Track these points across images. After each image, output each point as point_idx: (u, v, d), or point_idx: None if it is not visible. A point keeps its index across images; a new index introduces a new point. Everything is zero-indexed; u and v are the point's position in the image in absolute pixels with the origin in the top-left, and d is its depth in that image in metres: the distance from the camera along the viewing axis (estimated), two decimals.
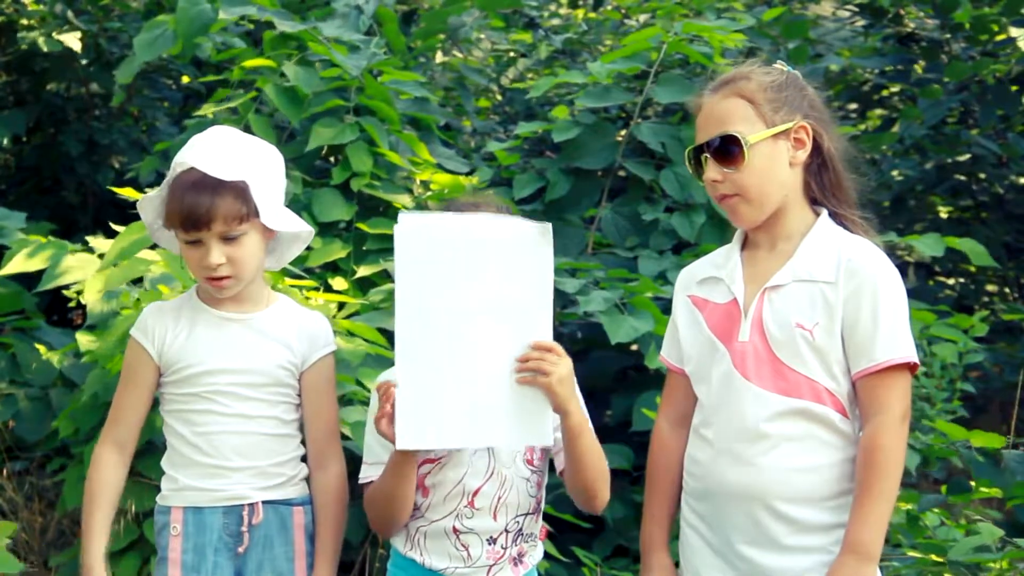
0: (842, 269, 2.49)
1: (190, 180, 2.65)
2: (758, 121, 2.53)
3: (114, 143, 6.47)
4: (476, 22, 6.49)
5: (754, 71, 2.58)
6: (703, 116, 2.59)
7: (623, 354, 4.23)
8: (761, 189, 2.53)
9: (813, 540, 2.48)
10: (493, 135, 6.42)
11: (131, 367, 2.79)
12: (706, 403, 2.59)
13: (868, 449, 2.44)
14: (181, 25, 4.64)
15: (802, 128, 2.55)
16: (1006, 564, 3.23)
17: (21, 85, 6.54)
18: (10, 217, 4.27)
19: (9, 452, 4.46)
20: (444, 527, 2.58)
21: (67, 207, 6.46)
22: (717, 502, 2.55)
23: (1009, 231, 6.75)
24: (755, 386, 2.51)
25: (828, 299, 2.48)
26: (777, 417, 2.49)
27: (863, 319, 2.46)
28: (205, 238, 2.66)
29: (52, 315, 5.52)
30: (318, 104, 4.50)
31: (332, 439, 2.82)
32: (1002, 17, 6.43)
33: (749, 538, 2.51)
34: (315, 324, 2.83)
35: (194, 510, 2.72)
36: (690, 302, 2.67)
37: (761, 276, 2.57)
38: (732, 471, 2.52)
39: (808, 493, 2.48)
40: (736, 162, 2.52)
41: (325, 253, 4.22)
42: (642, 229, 4.81)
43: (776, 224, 2.58)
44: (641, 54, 4.93)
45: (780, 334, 2.50)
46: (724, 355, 2.55)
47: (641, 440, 4.09)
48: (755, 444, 2.50)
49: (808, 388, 2.49)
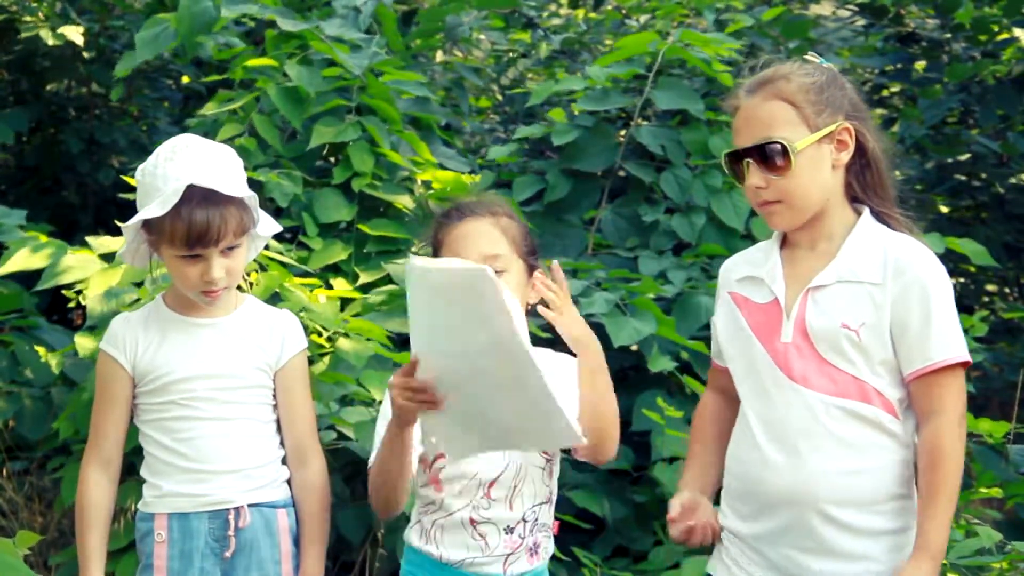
0: (889, 269, 2.44)
1: (193, 197, 2.62)
2: (801, 125, 2.48)
3: (115, 143, 6.47)
4: (475, 22, 6.49)
5: (794, 71, 2.52)
6: (743, 119, 2.53)
7: (623, 354, 4.22)
8: (805, 195, 2.49)
9: (862, 545, 2.45)
10: (493, 135, 6.43)
11: (105, 382, 2.79)
12: (750, 405, 2.55)
13: (930, 451, 2.41)
14: (183, 23, 4.63)
15: (845, 130, 2.50)
16: (1007, 565, 3.23)
17: (22, 84, 6.54)
18: (10, 215, 4.27)
19: (9, 452, 4.46)
20: (461, 518, 2.56)
21: (67, 207, 6.46)
22: (761, 504, 2.51)
23: (1009, 231, 6.74)
24: (800, 386, 2.46)
25: (875, 300, 2.44)
26: (824, 417, 2.44)
27: (914, 319, 2.42)
28: (208, 253, 2.65)
29: (52, 315, 5.51)
30: (320, 103, 4.50)
31: (310, 436, 2.83)
32: (1003, 17, 6.43)
33: (795, 542, 2.47)
34: (285, 323, 2.83)
35: (179, 516, 2.72)
36: (730, 299, 2.63)
37: (803, 276, 2.52)
38: (778, 473, 2.47)
39: (857, 496, 2.44)
40: (782, 169, 2.46)
41: (326, 254, 4.22)
42: (642, 230, 4.80)
43: (817, 224, 2.53)
44: (638, 57, 4.92)
45: (825, 334, 2.46)
46: (765, 356, 2.51)
47: (641, 440, 4.10)
48: (802, 445, 2.45)
49: (856, 388, 2.45)
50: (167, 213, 2.61)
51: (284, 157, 4.56)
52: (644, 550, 3.89)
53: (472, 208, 2.62)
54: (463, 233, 2.58)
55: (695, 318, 4.28)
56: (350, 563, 3.81)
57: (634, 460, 4.09)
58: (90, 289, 3.63)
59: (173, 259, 2.69)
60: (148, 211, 2.64)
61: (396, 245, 4.35)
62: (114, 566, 3.37)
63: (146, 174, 2.69)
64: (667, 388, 4.15)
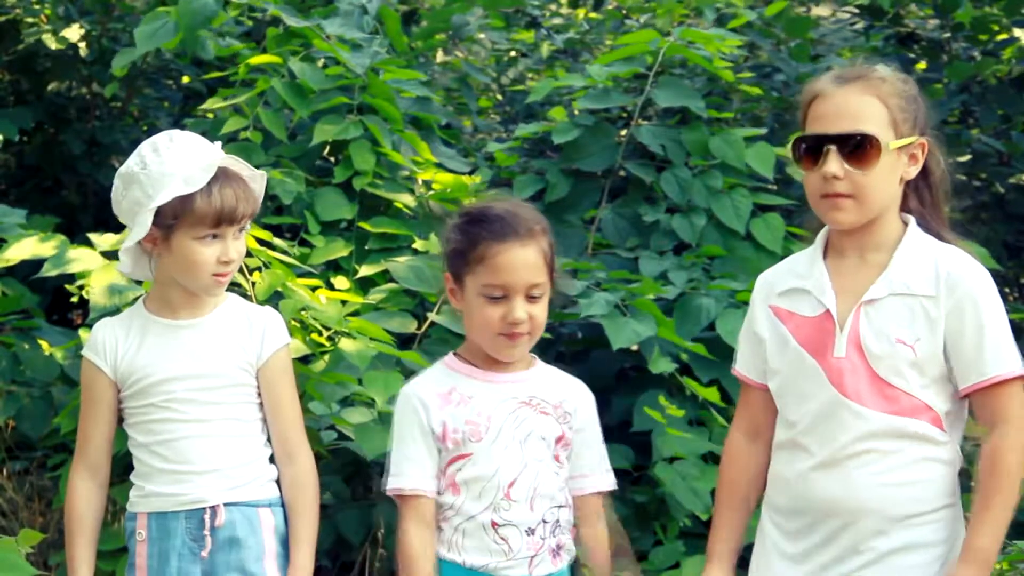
0: (942, 283, 2.44)
1: (218, 176, 2.66)
2: (890, 128, 2.46)
3: (115, 143, 6.46)
4: (477, 21, 6.49)
5: (890, 75, 2.52)
6: (831, 105, 2.49)
7: (624, 354, 4.23)
8: (877, 195, 2.47)
9: (912, 559, 2.45)
10: (494, 135, 6.43)
11: (89, 388, 2.80)
12: (798, 420, 2.52)
13: (991, 458, 2.42)
14: (184, 17, 4.62)
15: (921, 145, 2.51)
16: (1006, 565, 3.23)
17: (22, 85, 6.54)
18: (11, 214, 4.27)
19: (9, 452, 4.45)
20: (482, 521, 2.56)
21: (68, 207, 6.44)
22: (810, 519, 2.50)
23: (1009, 231, 6.74)
24: (854, 403, 2.45)
25: (929, 314, 2.44)
26: (878, 434, 2.44)
27: (968, 333, 2.42)
28: (226, 233, 2.68)
29: (52, 315, 5.52)
30: (323, 101, 4.50)
31: (297, 432, 2.81)
32: (1003, 16, 6.42)
33: (844, 555, 2.47)
34: (266, 319, 2.82)
35: (158, 515, 2.73)
36: (771, 313, 2.59)
37: (853, 288, 2.50)
38: (829, 488, 2.47)
39: (907, 510, 2.45)
40: (868, 163, 2.44)
41: (327, 252, 4.22)
42: (643, 230, 4.80)
43: (868, 233, 2.51)
44: (639, 56, 4.92)
45: (880, 350, 2.44)
46: (818, 371, 2.49)
47: (641, 440, 4.10)
48: (854, 461, 2.45)
49: (909, 405, 2.44)
50: (198, 191, 2.64)
51: (285, 156, 4.56)
52: (644, 550, 3.89)
53: (516, 229, 2.57)
54: (511, 262, 2.54)
55: (696, 320, 4.27)
56: (350, 563, 3.81)
57: (634, 460, 4.08)
58: (93, 283, 3.63)
59: (189, 244, 2.68)
60: (171, 191, 2.63)
61: (397, 242, 4.35)
62: (113, 566, 3.37)
63: (148, 165, 2.67)
64: (668, 389, 4.15)
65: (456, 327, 3.76)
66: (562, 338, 4.69)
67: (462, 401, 2.60)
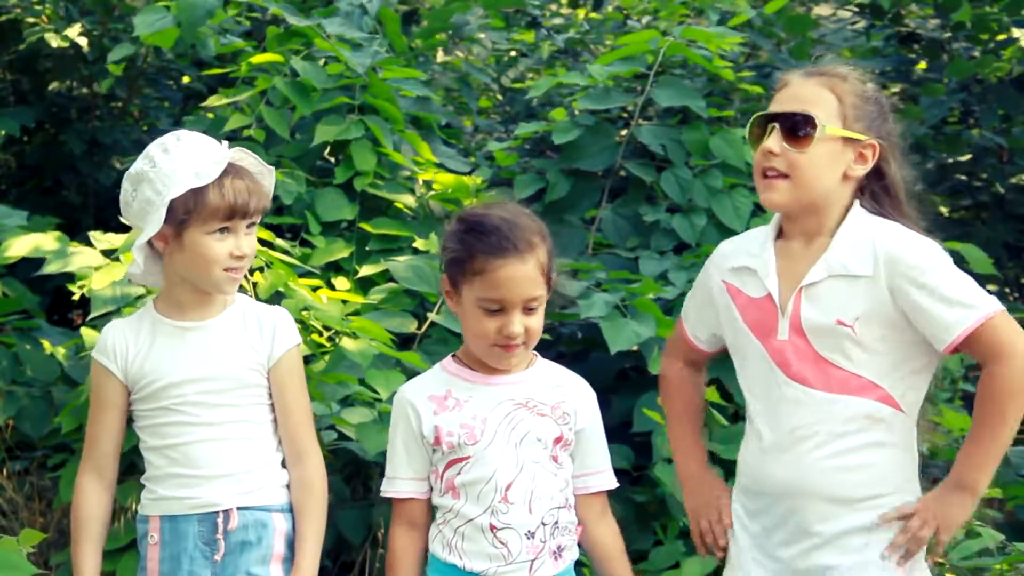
0: (880, 261, 2.47)
1: (229, 170, 2.67)
2: (837, 119, 2.52)
3: (116, 143, 6.47)
4: (477, 21, 6.49)
5: (852, 74, 2.58)
6: (787, 92, 2.57)
7: (624, 354, 4.22)
8: (812, 180, 2.51)
9: (862, 539, 2.47)
10: (494, 135, 6.43)
11: (98, 390, 2.78)
12: (752, 401, 2.60)
13: (986, 386, 2.43)
14: (183, 12, 4.62)
15: (870, 146, 2.54)
16: (1006, 566, 3.23)
17: (23, 85, 6.54)
18: (11, 215, 4.27)
19: (9, 452, 4.46)
20: (481, 524, 2.57)
21: (68, 207, 6.45)
22: (767, 499, 2.55)
23: (1009, 231, 6.74)
24: (799, 385, 2.49)
25: (868, 292, 2.47)
26: (825, 417, 2.47)
27: (922, 302, 2.44)
28: (238, 227, 2.67)
29: (52, 315, 5.52)
30: (325, 101, 4.50)
31: (307, 432, 2.80)
32: (1003, 16, 6.42)
33: (796, 537, 2.50)
34: (276, 319, 2.81)
35: (170, 519, 2.72)
36: (724, 287, 2.66)
37: (795, 272, 2.55)
38: (780, 469, 2.52)
39: (855, 493, 2.47)
40: (802, 143, 2.50)
41: (328, 252, 4.22)
42: (643, 230, 4.80)
43: (813, 219, 2.56)
44: (639, 56, 4.92)
45: (821, 331, 2.48)
46: (763, 353, 2.54)
47: (641, 440, 4.10)
48: (803, 442, 2.49)
49: (855, 384, 2.47)
50: (209, 185, 2.63)
51: (286, 156, 4.56)
52: (644, 550, 3.89)
53: (516, 244, 2.55)
54: (509, 279, 2.54)
55: None
56: (350, 563, 3.81)
57: (634, 460, 4.08)
58: (95, 282, 3.63)
59: (201, 239, 2.67)
60: (183, 185, 2.63)
61: (398, 243, 4.35)
62: (114, 566, 3.37)
63: (157, 164, 2.67)
64: None
65: (456, 327, 3.77)
66: (562, 338, 4.69)
67: (457, 405, 2.61)
